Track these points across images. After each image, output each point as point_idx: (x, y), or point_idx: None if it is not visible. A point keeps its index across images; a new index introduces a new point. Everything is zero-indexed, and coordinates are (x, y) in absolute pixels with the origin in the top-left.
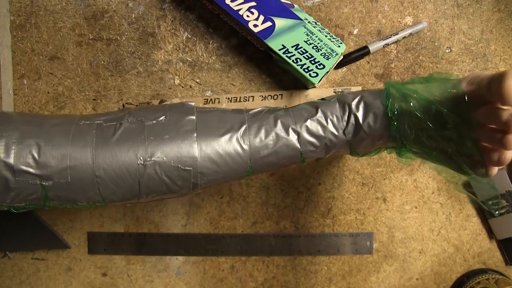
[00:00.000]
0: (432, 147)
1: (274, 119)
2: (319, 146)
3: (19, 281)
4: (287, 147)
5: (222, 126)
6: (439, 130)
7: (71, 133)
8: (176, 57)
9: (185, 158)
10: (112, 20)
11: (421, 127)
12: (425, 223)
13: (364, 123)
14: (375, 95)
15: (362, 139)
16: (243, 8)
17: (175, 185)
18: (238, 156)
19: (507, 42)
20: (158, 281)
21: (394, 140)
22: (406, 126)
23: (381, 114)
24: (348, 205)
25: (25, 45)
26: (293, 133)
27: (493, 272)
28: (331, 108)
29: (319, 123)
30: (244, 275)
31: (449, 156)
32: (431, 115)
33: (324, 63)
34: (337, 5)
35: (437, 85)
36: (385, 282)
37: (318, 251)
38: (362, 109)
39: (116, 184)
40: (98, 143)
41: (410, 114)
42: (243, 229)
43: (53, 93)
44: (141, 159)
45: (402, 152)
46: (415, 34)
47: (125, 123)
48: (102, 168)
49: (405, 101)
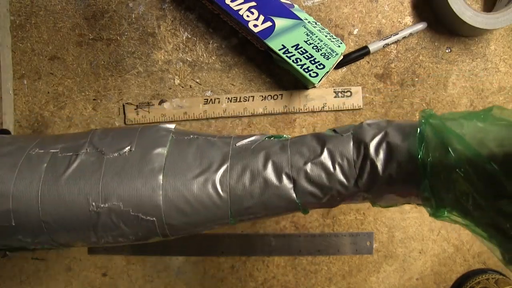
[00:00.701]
0: (480, 220)
1: (265, 158)
2: (322, 198)
3: (19, 281)
4: (278, 197)
5: (197, 164)
6: (493, 200)
7: (18, 167)
8: (176, 57)
9: (147, 206)
10: (112, 20)
11: (466, 191)
12: (425, 223)
13: (384, 174)
14: (404, 134)
15: (381, 194)
16: (243, 8)
17: (138, 235)
18: (213, 205)
19: (507, 42)
20: (158, 281)
21: (425, 200)
22: (443, 186)
23: (408, 165)
24: (348, 205)
25: (25, 45)
26: (287, 179)
27: (493, 272)
28: (342, 147)
29: (323, 169)
30: (244, 275)
31: (505, 234)
32: (482, 176)
33: (324, 63)
34: (337, 5)
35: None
36: (385, 282)
37: (318, 251)
38: (383, 153)
39: (68, 231)
40: (46, 181)
41: (451, 171)
42: (243, 229)
43: (53, 93)
44: (94, 204)
45: (440, 213)
46: (415, 34)
47: (81, 155)
48: (49, 213)
49: (444, 151)
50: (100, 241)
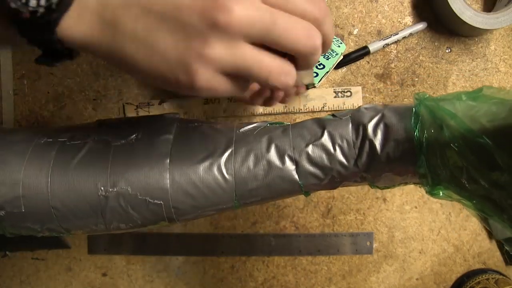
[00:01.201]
0: (474, 192)
1: (268, 142)
2: (323, 178)
3: (19, 281)
4: (281, 179)
5: (203, 149)
6: (486, 172)
7: (28, 154)
8: None
9: (154, 190)
10: None
11: (460, 165)
12: (425, 223)
13: (382, 153)
14: (400, 115)
15: (380, 173)
16: None
17: (146, 219)
18: (219, 188)
19: (507, 42)
20: (158, 281)
21: (422, 177)
22: (439, 162)
23: (405, 143)
24: (348, 205)
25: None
26: (289, 161)
27: (493, 272)
28: (341, 129)
29: (324, 150)
30: (244, 275)
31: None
32: (475, 150)
33: (324, 63)
34: (337, 5)
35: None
36: (385, 282)
37: (318, 251)
38: (381, 133)
39: (76, 216)
40: (55, 168)
41: (445, 146)
42: (243, 229)
43: (53, 93)
44: (103, 189)
45: (436, 189)
46: (415, 34)
47: (89, 143)
48: (59, 199)
49: (439, 128)
50: (109, 227)
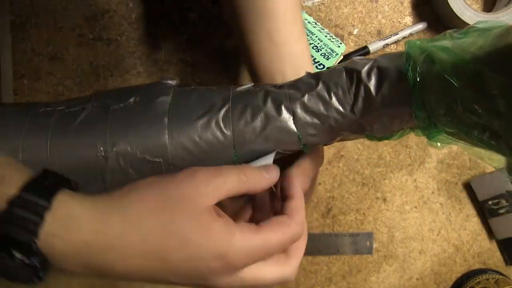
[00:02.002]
0: (471, 123)
1: (264, 96)
2: (321, 127)
3: None
4: (279, 130)
5: (200, 107)
6: (480, 99)
7: (27, 122)
8: (176, 57)
9: (153, 148)
10: (112, 20)
11: (455, 97)
12: (425, 223)
13: (377, 96)
14: (393, 58)
15: (377, 117)
16: None
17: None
18: (218, 143)
19: None
20: None
21: (419, 117)
22: (433, 97)
23: (399, 83)
24: (348, 205)
25: (25, 45)
26: (286, 111)
27: (493, 272)
28: (336, 78)
29: (319, 98)
30: None
31: (496, 134)
32: (468, 78)
33: (324, 63)
34: (337, 5)
35: (474, 38)
36: (385, 282)
37: (318, 251)
38: (374, 77)
39: (77, 179)
40: (55, 132)
41: (439, 79)
42: None
43: (53, 93)
44: (102, 150)
45: (433, 133)
46: (415, 34)
47: (88, 108)
48: (58, 162)
49: (431, 63)
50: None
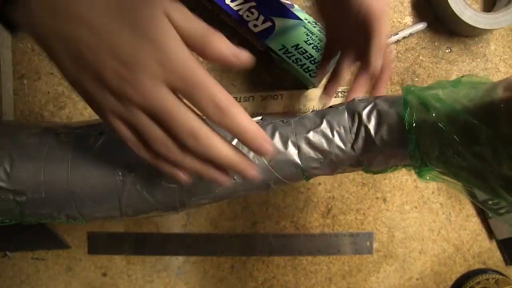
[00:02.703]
0: (460, 166)
1: (272, 130)
2: (323, 162)
3: (19, 281)
4: (285, 162)
5: None
6: (469, 146)
7: (48, 144)
8: None
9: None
10: None
11: (446, 142)
12: (425, 223)
13: (376, 137)
14: (391, 103)
15: (374, 155)
16: (243, 8)
17: (159, 203)
18: None
19: (507, 42)
20: (158, 281)
21: (413, 157)
22: (427, 141)
23: (396, 126)
24: (348, 205)
25: (25, 45)
26: (292, 146)
27: (493, 272)
28: (339, 118)
29: (323, 135)
30: (244, 275)
31: (482, 177)
32: (459, 127)
33: None
34: None
35: (466, 90)
36: (385, 282)
37: (318, 251)
38: (374, 119)
39: (94, 201)
40: (75, 156)
41: (432, 126)
42: (243, 229)
43: (53, 93)
44: (120, 174)
45: (423, 171)
46: (415, 34)
47: (106, 133)
48: (78, 184)
49: (425, 111)
50: (123, 212)
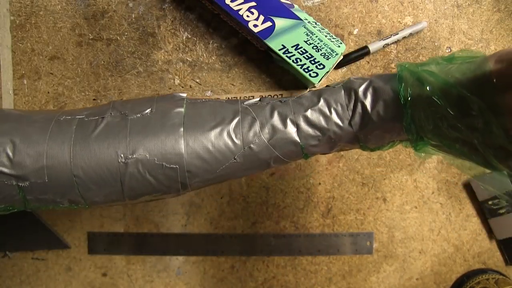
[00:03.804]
0: (454, 138)
1: (271, 110)
2: (322, 139)
3: (19, 281)
4: (284, 140)
5: (212, 119)
6: (462, 118)
7: (50, 130)
8: (176, 57)
9: (170, 155)
10: (112, 20)
11: (440, 115)
12: (425, 223)
13: (372, 112)
14: (386, 79)
15: (371, 130)
16: (243, 8)
17: (161, 184)
18: (229, 151)
19: (507, 42)
20: (158, 281)
21: (408, 131)
22: (422, 114)
23: (392, 101)
24: (348, 205)
25: (25, 45)
26: (291, 124)
27: (493, 272)
28: (335, 95)
29: (321, 113)
30: (244, 275)
31: (475, 148)
32: (452, 100)
33: (324, 63)
34: (337, 5)
35: (458, 65)
36: (385, 282)
37: (318, 251)
38: (370, 96)
39: (97, 184)
40: (77, 140)
41: (427, 100)
42: (243, 229)
43: (53, 93)
44: (122, 156)
45: (419, 145)
46: (415, 34)
47: (107, 117)
48: (81, 167)
49: (420, 85)
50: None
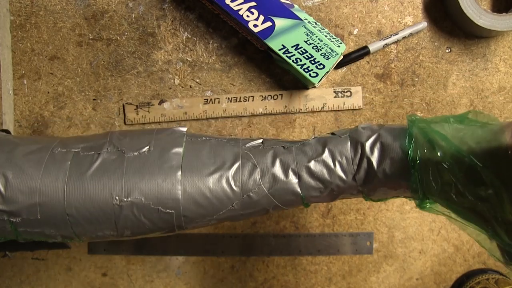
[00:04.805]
0: (462, 205)
1: (273, 157)
2: (324, 191)
3: (19, 281)
4: (285, 191)
5: (212, 162)
6: (473, 188)
7: (44, 164)
8: (176, 57)
9: (167, 200)
10: (112, 20)
11: (449, 181)
12: (425, 223)
13: (379, 169)
14: (395, 135)
15: (376, 187)
16: (243, 8)
17: (156, 226)
18: (227, 198)
19: (507, 42)
20: (158, 281)
21: (414, 191)
22: (430, 178)
23: (400, 161)
24: (348, 205)
25: (25, 45)
26: (293, 175)
27: (493, 272)
28: (341, 147)
29: (324, 165)
30: (244, 275)
31: (483, 217)
32: (463, 168)
33: (324, 63)
34: (337, 5)
35: (472, 130)
36: (385, 282)
37: (318, 251)
38: (377, 151)
39: (91, 223)
40: (71, 177)
41: (437, 164)
42: (243, 229)
43: (53, 93)
44: (117, 199)
45: (424, 203)
46: (415, 34)
47: (103, 154)
48: (74, 206)
49: (430, 149)
50: (120, 234)
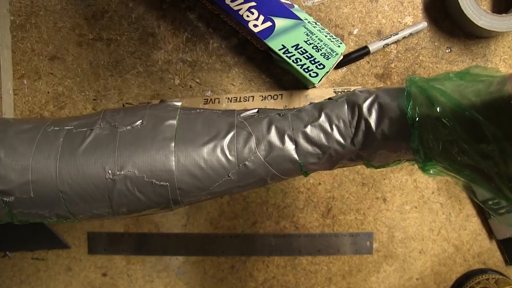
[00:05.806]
0: (464, 163)
1: (268, 124)
2: (322, 157)
3: (19, 281)
4: (282, 158)
5: (206, 132)
6: (474, 144)
7: (36, 142)
8: (176, 57)
9: (160, 172)
10: (112, 20)
11: (451, 138)
12: (425, 223)
13: (377, 131)
14: (393, 95)
15: (375, 150)
16: (243, 8)
17: (152, 201)
18: (222, 168)
19: (507, 42)
20: (158, 281)
21: (415, 152)
22: (431, 136)
23: (399, 120)
24: (348, 205)
25: (25, 45)
26: (289, 141)
27: (493, 272)
28: (338, 110)
29: (321, 130)
30: (244, 275)
31: (487, 176)
32: (464, 123)
33: (324, 63)
34: (337, 5)
35: (473, 84)
36: (385, 282)
37: (318, 251)
38: (375, 112)
39: (84, 200)
40: (64, 154)
41: (437, 121)
42: (243, 229)
43: (53, 93)
44: (110, 172)
45: (427, 166)
46: (415, 34)
47: (96, 129)
48: (67, 183)
49: (429, 105)
50: (115, 211)
